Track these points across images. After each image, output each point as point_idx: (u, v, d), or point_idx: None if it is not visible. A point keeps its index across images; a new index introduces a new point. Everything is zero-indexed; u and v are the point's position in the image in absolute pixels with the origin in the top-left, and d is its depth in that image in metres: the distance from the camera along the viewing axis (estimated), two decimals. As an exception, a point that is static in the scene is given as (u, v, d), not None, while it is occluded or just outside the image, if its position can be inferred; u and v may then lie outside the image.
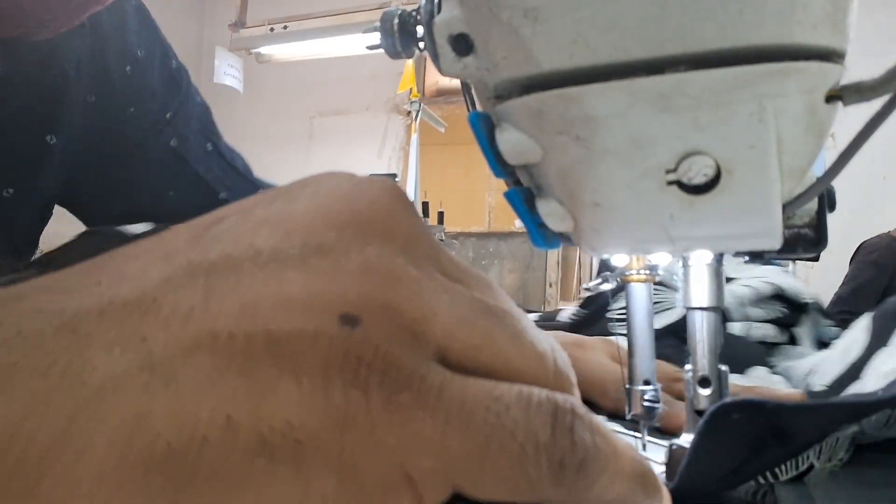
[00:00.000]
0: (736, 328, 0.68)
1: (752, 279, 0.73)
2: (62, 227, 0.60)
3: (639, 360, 0.33)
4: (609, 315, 0.53)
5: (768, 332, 0.68)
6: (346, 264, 0.18)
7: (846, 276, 2.70)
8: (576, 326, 0.77)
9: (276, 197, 0.20)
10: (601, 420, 0.20)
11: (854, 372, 0.50)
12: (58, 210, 0.63)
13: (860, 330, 0.55)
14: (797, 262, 0.76)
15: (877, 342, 0.51)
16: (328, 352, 0.17)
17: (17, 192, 0.55)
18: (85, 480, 0.14)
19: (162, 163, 0.67)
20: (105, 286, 0.17)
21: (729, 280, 0.75)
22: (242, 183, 0.73)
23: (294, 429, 0.16)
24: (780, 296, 0.73)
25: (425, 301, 0.18)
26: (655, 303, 0.68)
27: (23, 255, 0.59)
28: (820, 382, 0.55)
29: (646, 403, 0.32)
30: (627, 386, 0.33)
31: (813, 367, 0.56)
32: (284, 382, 0.16)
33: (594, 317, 0.75)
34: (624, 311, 0.33)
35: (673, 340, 0.64)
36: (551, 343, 0.21)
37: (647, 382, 0.32)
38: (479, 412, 0.17)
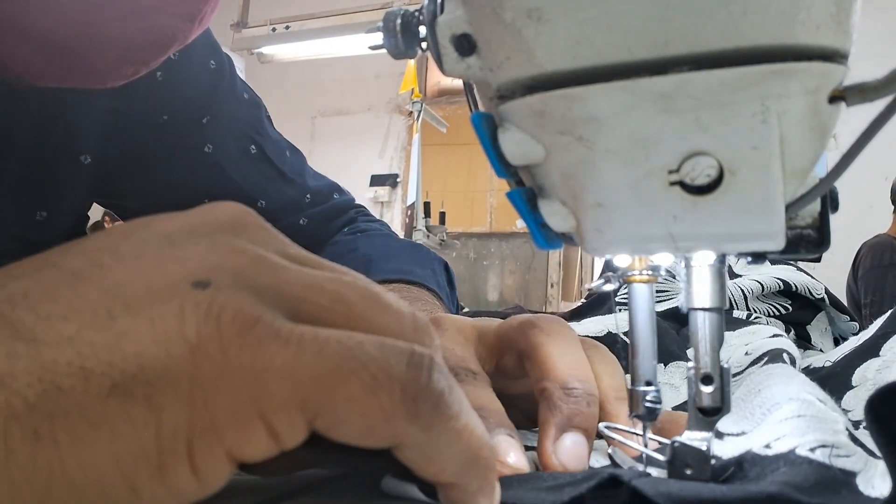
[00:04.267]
0: None
1: (762, 275, 0.74)
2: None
3: (641, 361, 0.33)
4: (618, 298, 0.52)
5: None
6: (198, 248, 0.20)
7: (865, 286, 2.68)
8: (576, 314, 0.78)
9: (138, 220, 0.22)
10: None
11: (866, 350, 0.49)
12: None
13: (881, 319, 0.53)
14: (799, 262, 0.77)
15: (892, 324, 0.50)
16: (182, 302, 0.18)
17: (50, 215, 0.53)
18: None
19: (195, 169, 0.63)
20: None
21: (736, 276, 0.75)
22: (287, 188, 0.68)
23: (145, 370, 0.17)
24: (788, 293, 0.73)
25: (272, 270, 0.20)
26: (660, 291, 0.68)
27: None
28: (826, 359, 0.54)
29: (647, 404, 0.32)
30: (630, 387, 0.33)
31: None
32: (140, 329, 0.18)
33: (595, 305, 0.76)
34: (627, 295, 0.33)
35: (672, 322, 0.64)
36: (409, 307, 0.22)
37: (648, 383, 0.32)
38: (332, 344, 0.19)
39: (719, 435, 0.29)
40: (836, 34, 0.24)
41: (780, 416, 0.28)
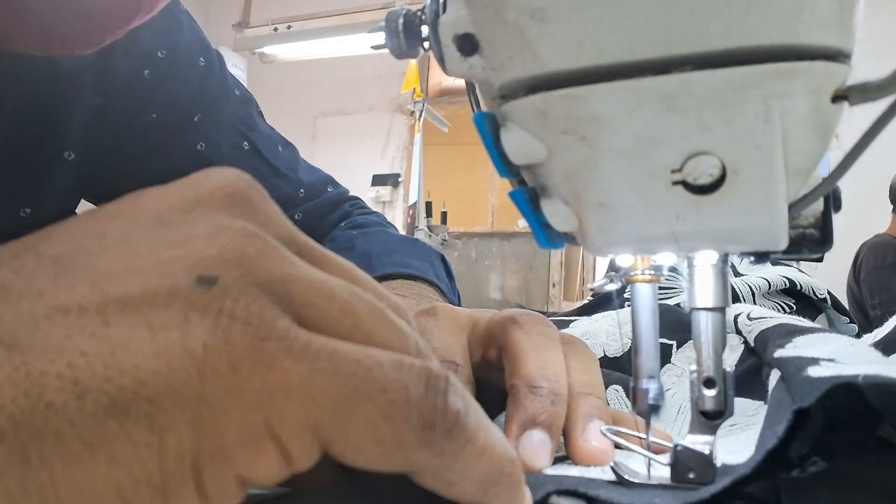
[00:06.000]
0: None
1: (767, 273, 0.74)
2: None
3: (644, 361, 0.32)
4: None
5: None
6: (196, 232, 0.18)
7: (870, 287, 2.68)
8: (584, 311, 0.78)
9: (132, 194, 0.20)
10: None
11: (889, 344, 0.50)
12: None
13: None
14: (801, 262, 0.77)
15: None
16: (186, 307, 0.16)
17: (34, 212, 0.53)
18: None
19: (186, 167, 0.62)
20: None
21: (740, 276, 0.76)
22: (280, 183, 0.68)
23: (145, 386, 0.16)
24: (792, 292, 0.74)
25: (281, 263, 0.18)
26: (664, 288, 0.68)
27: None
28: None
29: (650, 401, 0.32)
30: (632, 385, 0.33)
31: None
32: (138, 338, 0.16)
33: (600, 304, 0.76)
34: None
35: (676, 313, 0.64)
36: (412, 329, 0.21)
37: (650, 377, 0.32)
38: (349, 364, 0.17)
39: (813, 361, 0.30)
40: (839, 33, 0.24)
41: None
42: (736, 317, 0.54)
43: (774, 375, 0.36)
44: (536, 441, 0.32)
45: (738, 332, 0.53)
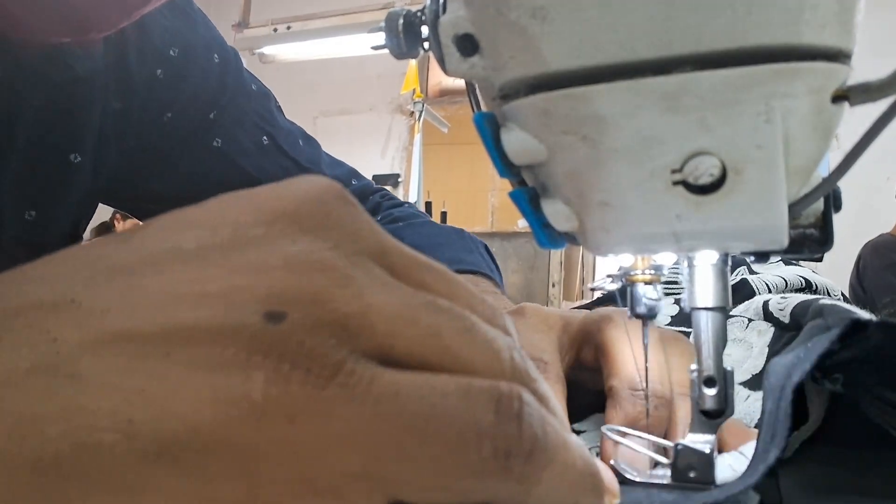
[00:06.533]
0: None
1: (783, 272, 0.74)
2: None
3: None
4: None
5: None
6: (272, 259, 0.17)
7: (876, 288, 2.66)
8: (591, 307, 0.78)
9: (212, 200, 0.19)
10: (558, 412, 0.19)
11: None
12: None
13: None
14: (801, 262, 0.77)
15: None
16: (249, 347, 0.16)
17: (40, 215, 0.51)
18: None
19: (206, 165, 0.61)
20: (26, 288, 0.17)
21: (754, 273, 0.76)
22: None
23: (200, 433, 0.15)
24: (808, 292, 0.74)
25: (359, 295, 0.17)
26: (670, 282, 0.68)
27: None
28: None
29: (646, 302, 0.32)
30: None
31: None
32: (197, 381, 0.15)
33: (604, 303, 0.76)
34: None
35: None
36: (509, 341, 0.19)
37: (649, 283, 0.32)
38: (413, 402, 0.16)
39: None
40: (840, 34, 0.24)
41: None
42: (765, 303, 0.54)
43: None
44: (633, 450, 0.32)
45: (767, 319, 0.53)
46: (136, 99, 0.55)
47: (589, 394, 0.37)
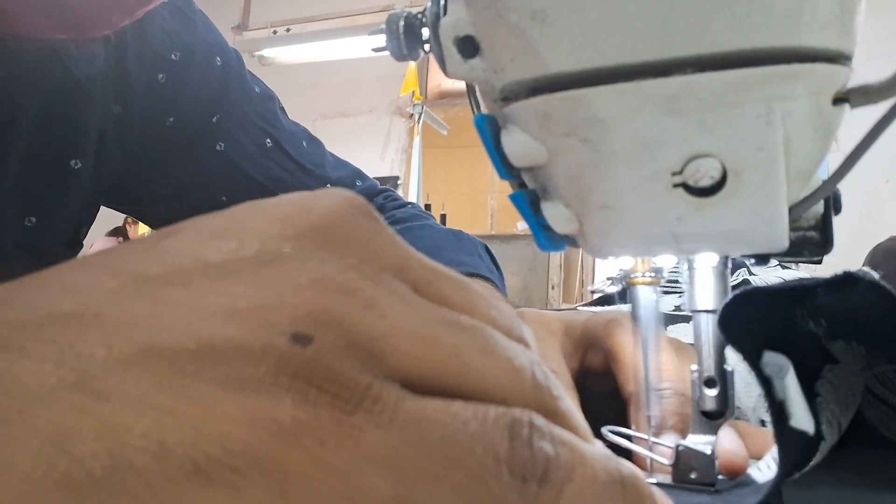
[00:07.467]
0: None
1: (784, 276, 0.74)
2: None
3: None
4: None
5: None
6: (301, 277, 0.17)
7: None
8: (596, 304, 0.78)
9: (237, 209, 0.19)
10: (580, 427, 0.19)
11: None
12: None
13: None
14: (801, 264, 0.77)
15: None
16: (277, 369, 0.16)
17: (40, 221, 0.51)
18: (1, 499, 0.13)
19: (209, 168, 0.61)
20: (48, 299, 0.16)
21: (753, 276, 0.76)
22: (307, 180, 0.66)
23: (233, 455, 0.15)
24: None
25: (383, 316, 0.17)
26: (670, 282, 0.68)
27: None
28: None
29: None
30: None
31: None
32: (228, 401, 0.15)
33: (601, 303, 0.76)
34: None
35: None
36: (531, 357, 0.20)
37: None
38: (437, 429, 0.17)
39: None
40: (840, 36, 0.24)
41: None
42: None
43: None
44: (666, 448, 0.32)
45: None
46: (136, 103, 0.55)
47: (598, 399, 0.37)
